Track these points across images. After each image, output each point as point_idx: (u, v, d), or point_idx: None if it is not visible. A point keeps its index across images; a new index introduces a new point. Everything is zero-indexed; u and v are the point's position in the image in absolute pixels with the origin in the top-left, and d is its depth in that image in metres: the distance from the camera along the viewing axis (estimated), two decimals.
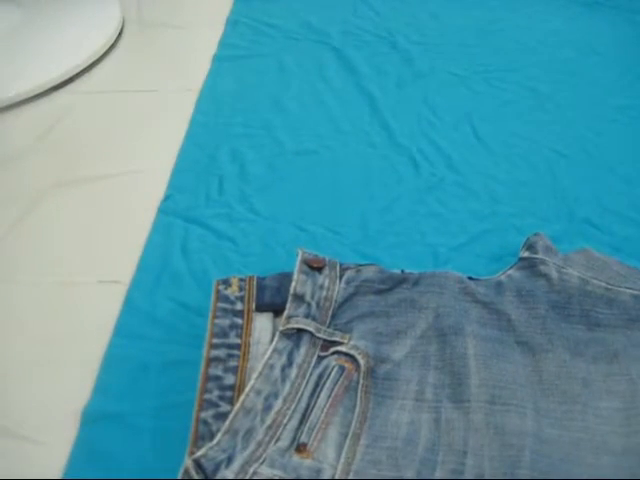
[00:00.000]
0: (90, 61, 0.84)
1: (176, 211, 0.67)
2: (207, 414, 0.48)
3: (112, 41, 0.87)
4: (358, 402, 0.49)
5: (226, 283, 0.56)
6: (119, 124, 0.78)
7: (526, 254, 0.59)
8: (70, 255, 0.63)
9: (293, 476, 0.44)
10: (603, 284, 0.57)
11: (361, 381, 0.51)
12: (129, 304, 0.59)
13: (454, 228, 0.66)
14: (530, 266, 0.58)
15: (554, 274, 0.57)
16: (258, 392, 0.48)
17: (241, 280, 0.57)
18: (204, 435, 0.46)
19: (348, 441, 0.47)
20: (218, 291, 0.56)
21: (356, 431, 0.48)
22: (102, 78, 0.84)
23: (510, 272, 0.59)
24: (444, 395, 0.50)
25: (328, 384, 0.50)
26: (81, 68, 0.83)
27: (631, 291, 0.56)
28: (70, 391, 0.53)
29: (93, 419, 0.51)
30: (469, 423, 0.48)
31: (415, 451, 0.47)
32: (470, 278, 0.58)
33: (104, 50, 0.86)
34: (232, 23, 0.92)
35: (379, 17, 0.94)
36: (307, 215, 0.67)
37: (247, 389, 0.48)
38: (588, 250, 0.60)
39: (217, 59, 0.86)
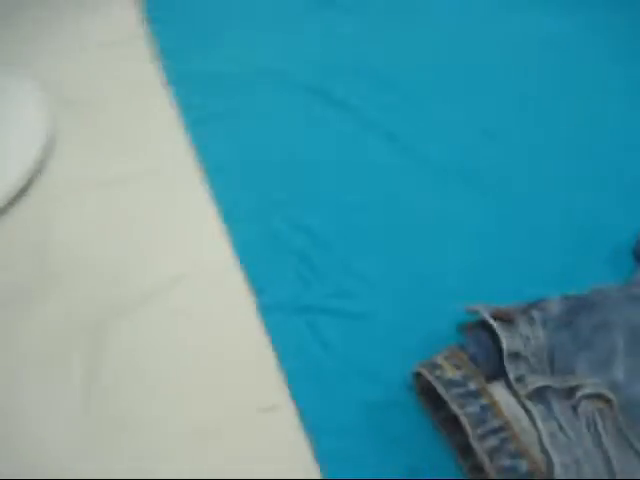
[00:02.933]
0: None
1: (281, 305, 0.60)
2: None
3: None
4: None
5: (434, 366, 0.52)
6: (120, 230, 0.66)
7: None
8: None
9: None
10: None
11: (619, 417, 0.51)
12: (312, 426, 0.52)
13: None
14: None
15: None
16: (565, 466, 0.46)
17: (447, 358, 0.52)
18: None
19: None
20: (437, 378, 0.51)
21: None
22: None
23: None
24: None
25: (602, 432, 0.49)
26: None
27: None
28: None
29: None
30: None
31: None
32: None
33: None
34: (177, 82, 0.82)
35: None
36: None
37: (557, 469, 0.45)
38: None
39: (190, 125, 0.76)
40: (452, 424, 0.51)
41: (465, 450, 0.50)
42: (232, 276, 0.62)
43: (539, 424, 0.48)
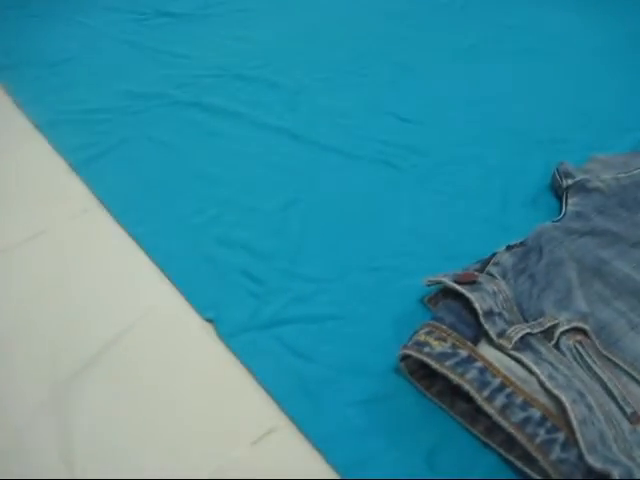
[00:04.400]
0: None
1: (242, 328, 0.58)
2: (554, 455, 0.46)
3: None
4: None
5: (420, 344, 0.52)
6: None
7: (570, 181, 0.66)
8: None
9: None
10: (635, 172, 0.67)
11: (596, 343, 0.53)
12: (316, 436, 0.50)
13: None
14: (580, 189, 0.65)
15: (599, 184, 0.65)
16: (573, 402, 0.48)
17: (429, 333, 0.53)
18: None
19: None
20: (428, 355, 0.51)
21: None
22: None
23: (571, 201, 0.65)
24: None
25: (589, 360, 0.51)
26: None
27: None
28: None
29: None
30: None
31: None
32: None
33: None
34: (49, 125, 0.76)
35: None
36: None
37: (568, 407, 0.47)
38: (594, 157, 0.70)
39: (79, 167, 0.71)
40: (451, 395, 0.52)
41: (472, 416, 0.50)
42: (182, 313, 0.59)
43: (535, 370, 0.49)
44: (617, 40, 0.97)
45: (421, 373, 0.53)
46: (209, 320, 0.58)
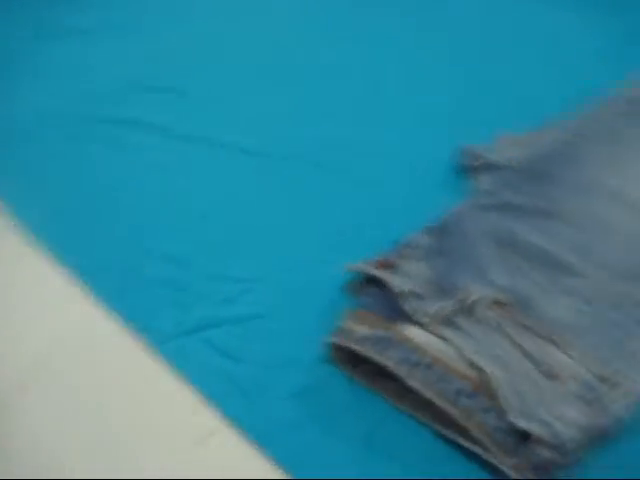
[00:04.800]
0: None
1: (171, 334, 0.58)
2: (481, 420, 0.48)
3: None
4: None
5: (345, 332, 0.53)
6: None
7: (478, 161, 0.69)
8: None
9: None
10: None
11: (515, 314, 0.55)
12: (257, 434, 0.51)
13: None
14: (489, 167, 0.68)
15: (507, 161, 0.68)
16: (497, 372, 0.49)
17: (353, 319, 0.54)
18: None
19: None
20: (354, 341, 0.52)
21: None
22: None
23: (481, 180, 0.68)
24: None
25: (510, 331, 0.53)
26: None
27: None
28: None
29: None
30: None
31: None
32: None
33: None
34: None
35: None
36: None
37: (490, 374, 0.49)
38: (500, 135, 0.72)
39: None
40: (380, 377, 0.53)
41: (402, 394, 0.52)
42: (109, 326, 0.58)
43: (457, 344, 0.51)
44: (515, 19, 0.99)
45: (349, 359, 0.54)
46: (137, 331, 0.58)
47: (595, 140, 0.73)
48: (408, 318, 0.54)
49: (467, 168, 0.71)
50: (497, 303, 0.56)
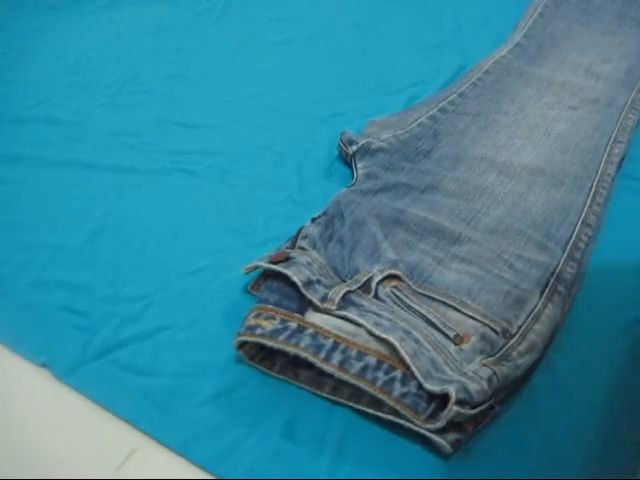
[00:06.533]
0: None
1: (77, 362, 0.57)
2: (397, 392, 0.50)
3: None
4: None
5: (252, 328, 0.54)
6: None
7: (354, 147, 0.72)
8: None
9: None
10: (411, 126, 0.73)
11: (410, 284, 0.58)
12: (179, 444, 0.51)
13: None
14: (365, 152, 0.71)
15: (381, 144, 0.71)
16: (401, 340, 0.52)
17: (258, 315, 0.55)
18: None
19: None
20: (261, 335, 0.53)
21: None
22: None
23: (360, 165, 0.70)
24: None
25: (408, 301, 0.56)
26: None
27: None
28: None
29: None
30: None
31: None
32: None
33: None
34: None
35: None
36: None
37: (398, 345, 0.51)
38: (371, 120, 0.76)
39: None
40: (293, 367, 0.54)
41: (317, 380, 0.53)
42: (14, 364, 0.57)
43: (361, 322, 0.53)
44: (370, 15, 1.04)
45: (260, 355, 0.55)
46: (43, 365, 0.56)
47: (462, 114, 0.78)
48: (310, 305, 0.55)
49: (346, 156, 0.73)
50: (391, 277, 0.58)
